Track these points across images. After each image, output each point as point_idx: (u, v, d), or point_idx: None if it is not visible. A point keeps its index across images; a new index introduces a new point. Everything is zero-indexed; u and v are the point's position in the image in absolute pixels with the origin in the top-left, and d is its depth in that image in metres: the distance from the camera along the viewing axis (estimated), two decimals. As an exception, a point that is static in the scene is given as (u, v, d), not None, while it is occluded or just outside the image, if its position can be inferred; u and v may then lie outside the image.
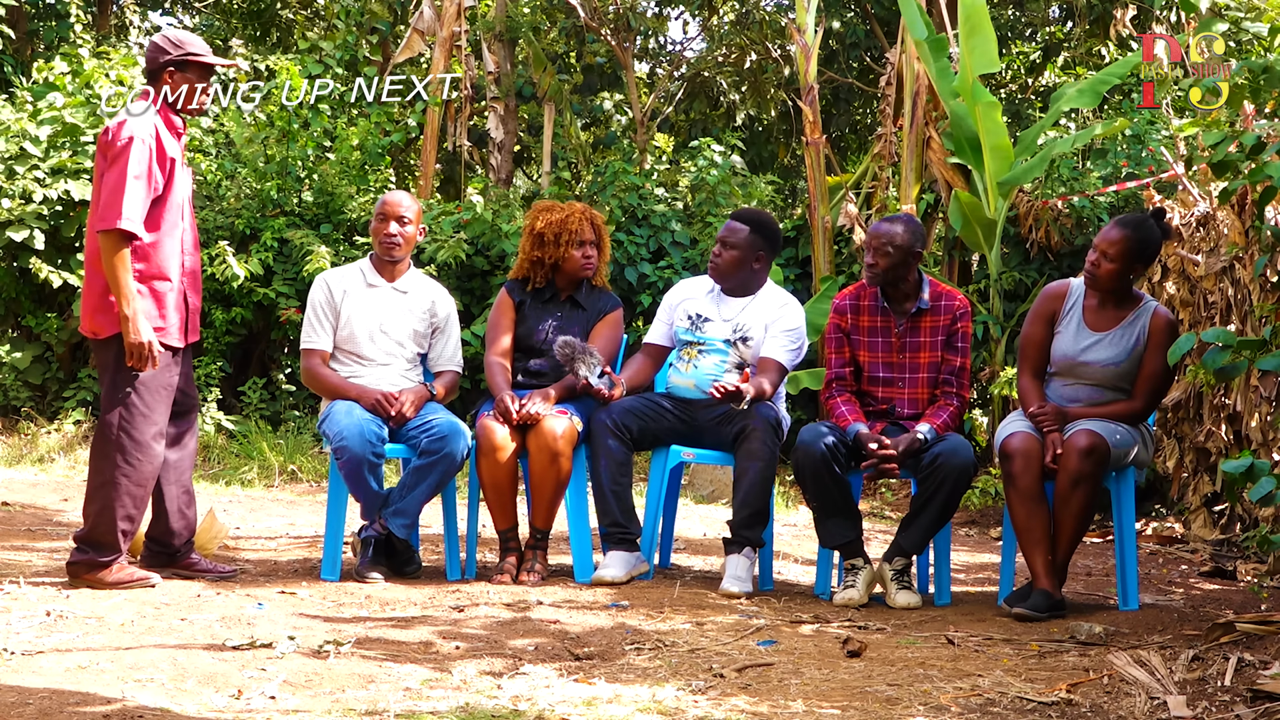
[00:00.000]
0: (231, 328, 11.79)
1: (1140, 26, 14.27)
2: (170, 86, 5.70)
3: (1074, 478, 5.53)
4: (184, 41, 5.78)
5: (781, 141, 18.35)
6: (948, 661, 4.66)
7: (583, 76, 17.06)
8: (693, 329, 6.38)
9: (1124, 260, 5.74)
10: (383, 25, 15.01)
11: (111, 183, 5.44)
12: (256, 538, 7.52)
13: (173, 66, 5.71)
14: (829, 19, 15.59)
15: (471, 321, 11.43)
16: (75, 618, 4.96)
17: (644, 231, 12.17)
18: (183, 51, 5.74)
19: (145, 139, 5.52)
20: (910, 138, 11.41)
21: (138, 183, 5.45)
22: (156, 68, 5.72)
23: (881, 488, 10.88)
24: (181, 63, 5.73)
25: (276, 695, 3.97)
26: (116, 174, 5.43)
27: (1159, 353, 5.74)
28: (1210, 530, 8.27)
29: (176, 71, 5.72)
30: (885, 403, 6.16)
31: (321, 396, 6.47)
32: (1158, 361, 5.76)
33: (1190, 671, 4.43)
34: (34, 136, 11.47)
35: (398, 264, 6.47)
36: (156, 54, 5.74)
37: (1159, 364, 5.76)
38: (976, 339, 10.58)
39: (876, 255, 6.05)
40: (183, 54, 5.73)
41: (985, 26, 10.22)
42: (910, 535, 5.94)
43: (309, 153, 12.58)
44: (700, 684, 4.25)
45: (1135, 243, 5.73)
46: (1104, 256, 5.76)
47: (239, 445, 11.06)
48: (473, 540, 6.46)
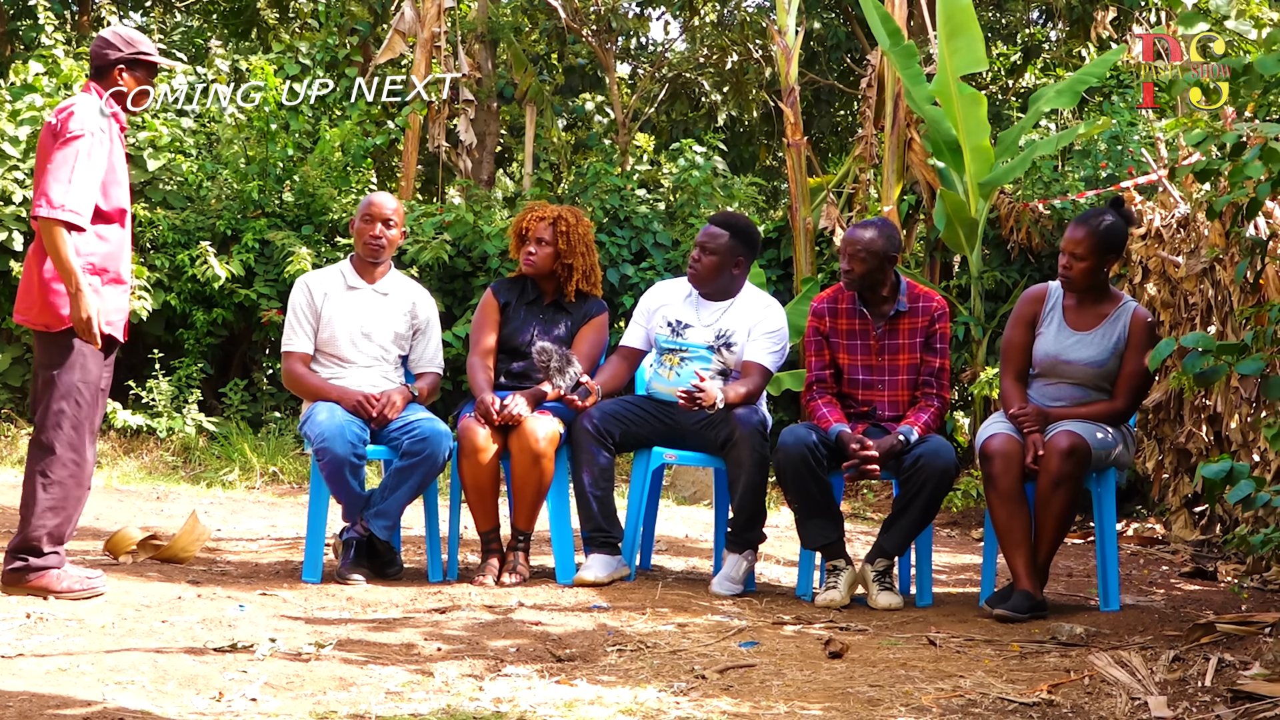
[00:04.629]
0: (213, 329, 11.78)
1: (1120, 28, 14.31)
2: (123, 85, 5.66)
3: (1055, 479, 5.54)
4: (135, 40, 5.72)
5: (763, 143, 18.39)
6: (929, 662, 4.66)
7: (564, 77, 17.07)
8: (674, 336, 6.37)
9: (1094, 255, 5.76)
10: (362, 26, 14.99)
11: (56, 170, 5.33)
12: (238, 539, 7.50)
13: (123, 64, 5.67)
14: (810, 20, 15.61)
15: (453, 323, 11.43)
16: (55, 620, 4.94)
17: (626, 233, 12.19)
18: (134, 50, 5.68)
19: (97, 130, 5.44)
20: (891, 139, 11.44)
21: (86, 173, 5.36)
22: (106, 64, 5.62)
23: (863, 489, 10.89)
24: (132, 61, 5.69)
25: (258, 697, 3.96)
26: (63, 162, 5.31)
27: (1139, 352, 5.75)
28: (1191, 531, 8.29)
29: (126, 70, 5.68)
30: (866, 405, 6.17)
31: (303, 398, 6.46)
32: (1138, 361, 5.76)
33: (1171, 672, 4.45)
34: (12, 137, 11.42)
35: (379, 266, 6.46)
36: (106, 49, 5.63)
37: (1139, 363, 5.76)
38: (958, 340, 10.60)
39: (851, 261, 6.06)
40: (134, 52, 5.67)
41: (970, 26, 10.20)
42: (892, 536, 5.95)
43: (289, 153, 12.57)
44: (682, 685, 4.25)
45: (1099, 235, 5.75)
46: (1073, 257, 5.78)
47: (220, 447, 11.04)
48: (454, 542, 6.45)
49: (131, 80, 5.67)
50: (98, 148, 5.42)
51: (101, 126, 5.48)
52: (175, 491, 9.86)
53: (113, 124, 5.57)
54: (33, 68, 12.19)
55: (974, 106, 10.20)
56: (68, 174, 5.30)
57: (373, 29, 15.43)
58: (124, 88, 5.65)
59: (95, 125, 5.45)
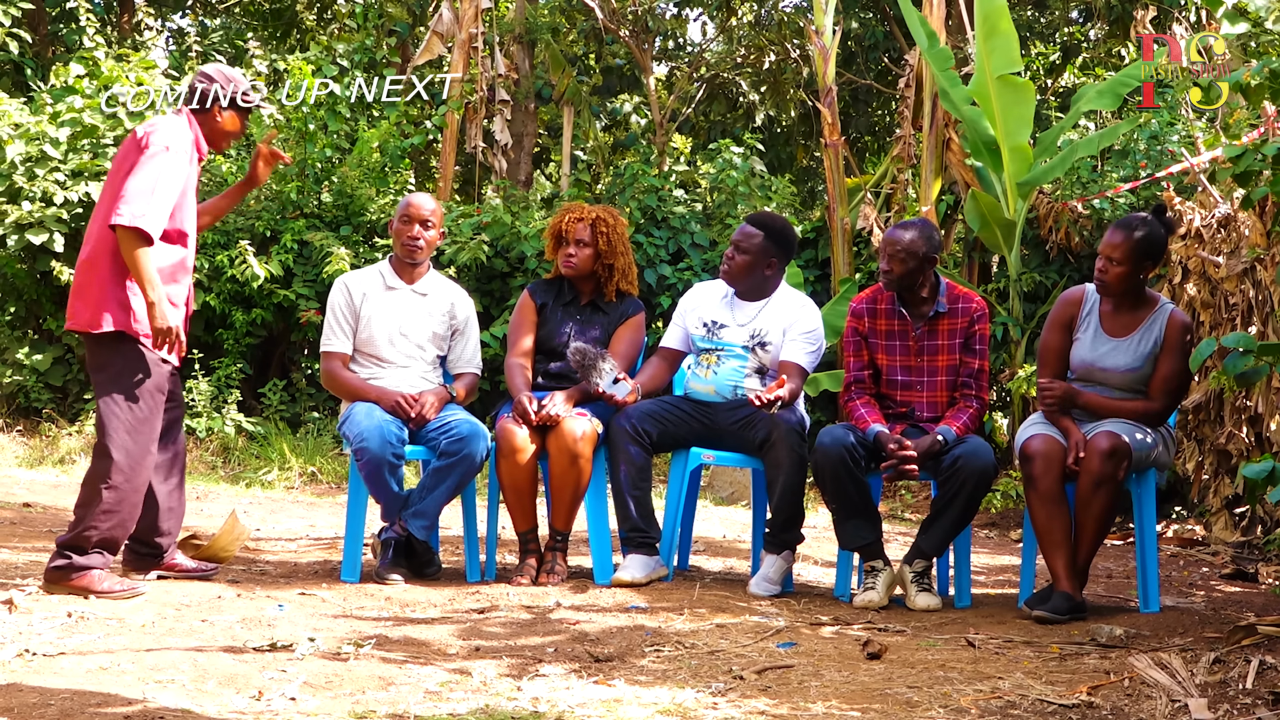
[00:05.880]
0: (252, 329, 11.83)
1: (1160, 27, 14.24)
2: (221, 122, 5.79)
3: (1096, 480, 5.51)
4: (237, 80, 5.86)
5: (800, 143, 18.36)
6: (968, 664, 4.65)
7: (602, 78, 17.09)
8: (709, 336, 6.37)
9: (1130, 262, 5.70)
10: (400, 27, 15.03)
11: (140, 183, 5.41)
12: (277, 539, 7.54)
13: (221, 103, 5.78)
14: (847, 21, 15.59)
15: (490, 323, 11.44)
16: (96, 619, 4.97)
17: (663, 233, 12.19)
18: (236, 90, 5.81)
19: (180, 152, 5.55)
20: (929, 139, 11.41)
21: (166, 190, 5.46)
22: (205, 95, 5.77)
23: (901, 490, 10.87)
24: (231, 100, 5.79)
25: (297, 696, 3.97)
26: (148, 175, 5.42)
27: (1174, 354, 5.72)
28: (1231, 532, 8.25)
29: (225, 109, 5.80)
30: (904, 406, 6.14)
31: (341, 398, 6.48)
32: (1173, 363, 5.73)
33: (1211, 674, 4.42)
34: (54, 139, 11.51)
35: (418, 266, 6.48)
36: (209, 83, 5.78)
37: (1174, 366, 5.73)
38: (996, 340, 10.57)
39: (891, 261, 6.04)
40: (238, 93, 5.82)
41: (1004, 26, 10.17)
42: (930, 537, 5.93)
43: (328, 154, 12.62)
44: (720, 686, 4.24)
45: (1139, 242, 5.69)
46: (1110, 261, 5.72)
47: (259, 447, 11.09)
48: (492, 542, 6.46)
49: (228, 120, 5.81)
50: (179, 167, 5.51)
51: (186, 147, 5.58)
52: (215, 491, 9.91)
53: (194, 151, 5.67)
54: (73, 70, 12.27)
55: (1017, 104, 10.15)
56: (150, 186, 5.42)
57: (411, 30, 15.48)
58: (221, 124, 5.82)
59: (180, 145, 5.55)
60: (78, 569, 5.44)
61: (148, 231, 5.36)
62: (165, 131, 5.55)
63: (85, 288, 5.54)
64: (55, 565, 5.48)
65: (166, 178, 5.46)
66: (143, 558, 5.89)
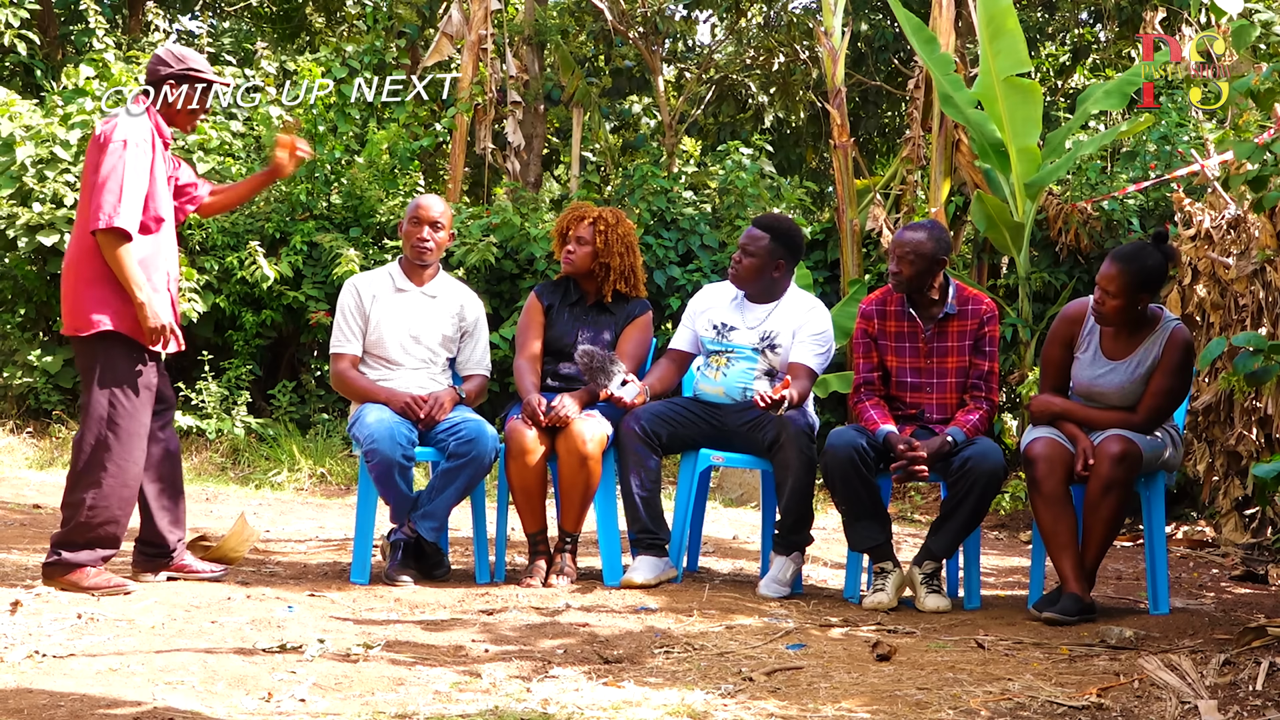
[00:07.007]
0: (261, 331, 11.85)
1: (1170, 29, 14.23)
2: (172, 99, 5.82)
3: (1106, 483, 5.50)
4: (185, 57, 5.90)
5: (810, 144, 18.35)
6: (977, 665, 4.65)
7: (611, 80, 17.09)
8: (719, 338, 6.37)
9: (1126, 294, 5.63)
10: (410, 29, 15.04)
11: (106, 182, 5.47)
12: (286, 540, 7.55)
13: (173, 80, 5.81)
14: (857, 22, 15.58)
15: (500, 325, 11.45)
16: (106, 620, 4.98)
17: (672, 235, 12.19)
18: (184, 66, 5.85)
19: (140, 143, 5.59)
20: (939, 140, 11.40)
21: (133, 184, 5.51)
22: (156, 79, 5.83)
23: (911, 491, 10.86)
24: (181, 77, 5.82)
25: (306, 698, 3.98)
26: (111, 174, 5.48)
27: (1168, 372, 5.68)
28: (1241, 534, 8.23)
29: (175, 85, 5.81)
30: (914, 407, 6.14)
31: (351, 400, 6.48)
32: (1165, 381, 5.70)
33: (1221, 676, 4.42)
34: (64, 140, 11.53)
35: (427, 268, 6.48)
36: (158, 66, 5.85)
37: (1166, 383, 5.69)
38: (1005, 342, 10.56)
39: (900, 263, 6.03)
40: (184, 68, 5.84)
41: (1010, 25, 10.13)
42: (940, 539, 5.92)
43: (337, 155, 12.63)
44: (729, 687, 4.24)
45: (1134, 275, 5.61)
46: (1106, 294, 5.66)
47: (268, 448, 11.10)
48: (502, 543, 6.47)
49: (182, 97, 5.81)
50: (140, 158, 5.54)
51: (144, 137, 5.61)
52: (224, 493, 9.92)
53: (155, 136, 5.70)
54: (84, 72, 12.30)
55: (1024, 105, 10.13)
56: (116, 183, 5.48)
57: (420, 32, 15.49)
58: (174, 102, 5.83)
59: (138, 136, 5.59)
60: (69, 565, 5.53)
61: (123, 228, 5.43)
62: (122, 126, 5.61)
63: (68, 292, 5.65)
64: (49, 561, 5.59)
65: (130, 171, 5.52)
66: (151, 558, 5.92)
